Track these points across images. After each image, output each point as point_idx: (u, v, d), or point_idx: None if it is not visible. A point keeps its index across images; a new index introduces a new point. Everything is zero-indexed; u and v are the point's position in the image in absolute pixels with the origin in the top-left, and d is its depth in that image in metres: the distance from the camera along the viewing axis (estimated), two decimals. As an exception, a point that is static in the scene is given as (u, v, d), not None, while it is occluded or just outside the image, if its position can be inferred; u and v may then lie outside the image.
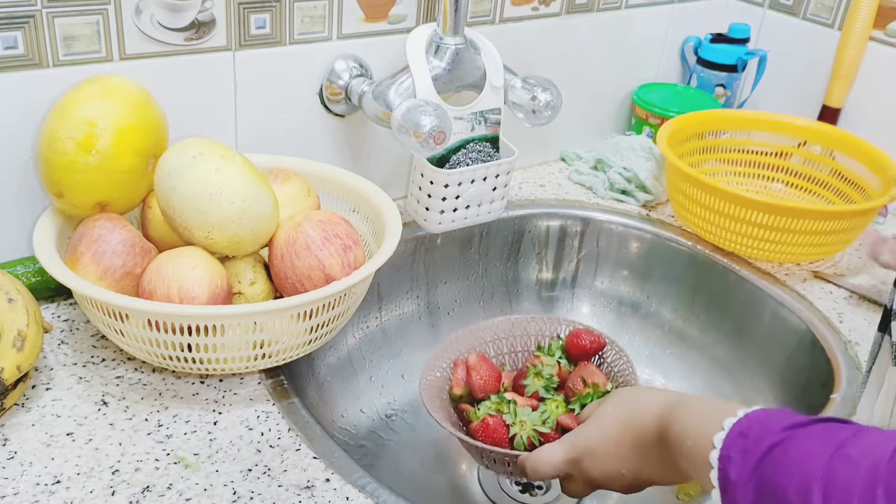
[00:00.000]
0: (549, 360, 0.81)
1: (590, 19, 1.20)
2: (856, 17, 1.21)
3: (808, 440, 0.50)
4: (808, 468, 0.48)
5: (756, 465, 0.50)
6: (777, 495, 0.49)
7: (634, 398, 0.64)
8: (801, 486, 0.48)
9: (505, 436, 0.74)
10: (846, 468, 0.47)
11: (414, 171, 1.00)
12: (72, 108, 0.77)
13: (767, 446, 0.50)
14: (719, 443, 0.53)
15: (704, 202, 1.05)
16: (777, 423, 0.52)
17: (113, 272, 0.77)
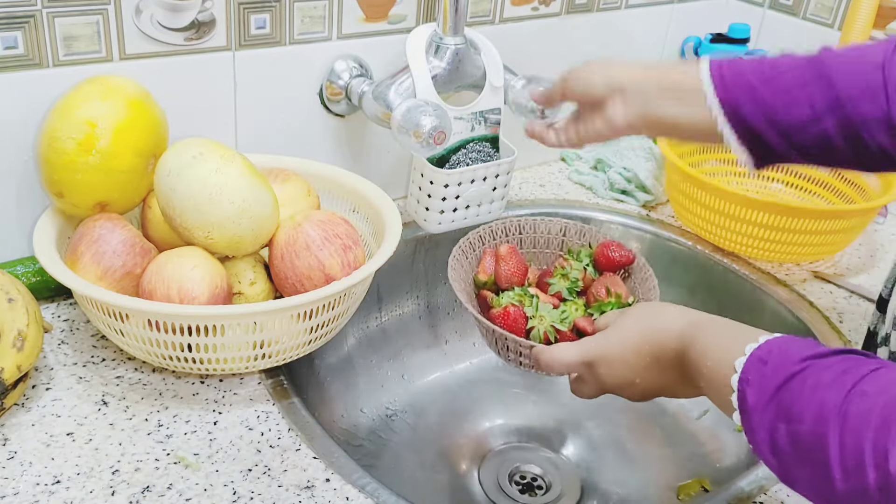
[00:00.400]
0: (576, 265, 0.82)
1: (590, 19, 1.20)
2: (856, 17, 1.21)
3: (826, 372, 0.51)
4: (826, 400, 0.49)
5: (774, 392, 0.52)
6: (794, 424, 0.50)
7: (658, 313, 0.66)
8: (817, 416, 0.49)
9: (523, 326, 0.75)
10: (862, 401, 0.48)
11: (414, 171, 1.00)
12: (72, 108, 0.77)
13: (786, 375, 0.52)
14: (740, 367, 0.54)
15: (704, 202, 1.06)
16: (797, 352, 0.53)
17: (113, 272, 0.77)
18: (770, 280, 1.05)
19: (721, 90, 0.71)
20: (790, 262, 1.08)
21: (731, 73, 0.71)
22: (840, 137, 0.69)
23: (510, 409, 1.05)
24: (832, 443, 0.48)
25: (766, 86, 0.70)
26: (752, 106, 0.70)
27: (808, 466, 0.50)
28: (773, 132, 0.70)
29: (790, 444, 0.51)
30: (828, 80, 0.68)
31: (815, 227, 1.01)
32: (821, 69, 0.68)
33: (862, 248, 1.14)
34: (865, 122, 0.67)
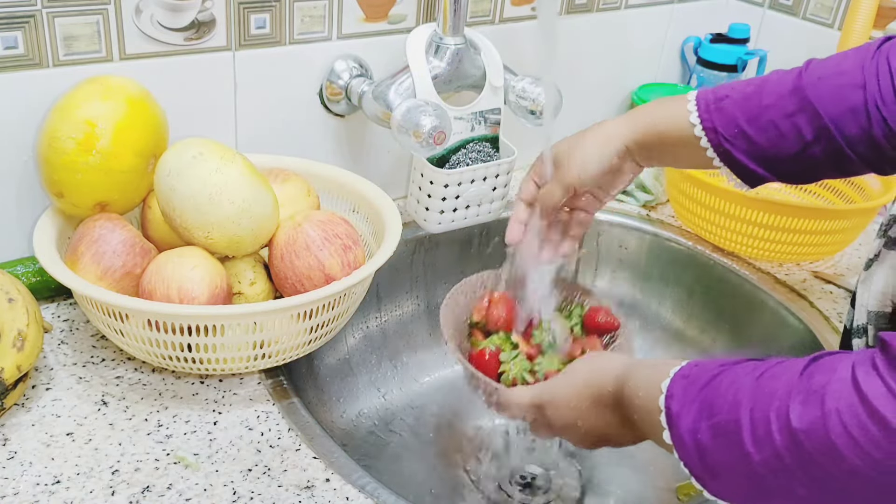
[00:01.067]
0: (564, 323, 0.84)
1: (589, 19, 1.20)
2: (856, 17, 1.21)
3: (741, 369, 0.55)
4: (739, 388, 0.53)
5: (695, 395, 0.55)
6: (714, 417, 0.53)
7: (602, 359, 0.70)
8: (732, 403, 0.53)
9: (495, 369, 0.79)
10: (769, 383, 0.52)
11: (414, 171, 1.00)
12: (72, 108, 0.77)
13: (705, 380, 0.56)
14: (665, 387, 0.58)
15: (705, 202, 1.06)
16: (714, 363, 0.57)
17: (113, 272, 0.77)
18: (770, 280, 1.05)
19: (712, 137, 0.74)
20: (790, 262, 1.08)
21: (721, 118, 0.74)
22: (827, 160, 0.72)
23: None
24: (744, 422, 0.51)
25: (753, 125, 0.73)
26: (743, 148, 0.73)
27: (726, 452, 0.53)
28: (763, 167, 0.74)
29: (712, 437, 0.54)
30: (813, 109, 0.70)
31: (815, 227, 1.01)
32: (805, 98, 0.71)
33: (862, 248, 1.14)
34: (850, 141, 0.70)
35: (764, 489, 0.51)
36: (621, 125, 0.78)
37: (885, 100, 0.69)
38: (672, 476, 0.96)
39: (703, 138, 0.74)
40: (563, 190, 0.79)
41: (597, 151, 0.78)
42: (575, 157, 0.78)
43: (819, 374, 0.50)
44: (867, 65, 0.70)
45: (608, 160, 0.77)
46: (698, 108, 0.75)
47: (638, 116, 0.78)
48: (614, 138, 0.78)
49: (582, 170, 0.78)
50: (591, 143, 0.78)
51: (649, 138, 0.77)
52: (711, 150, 0.75)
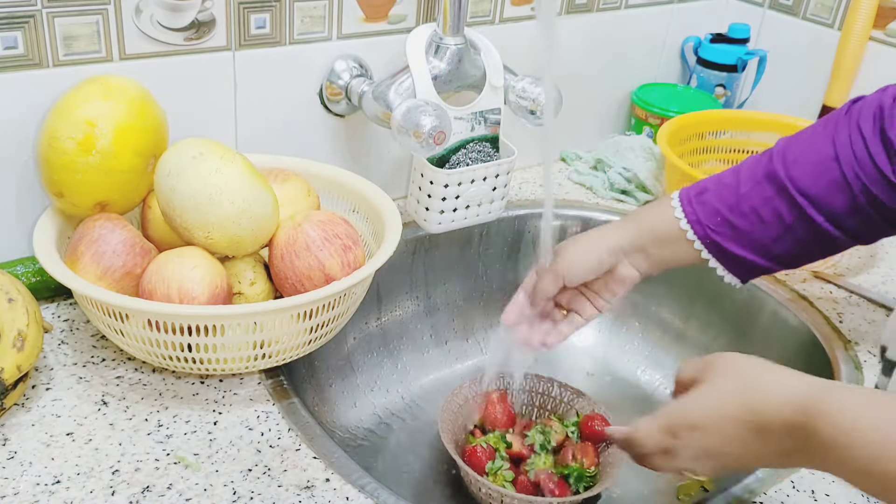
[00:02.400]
0: (558, 427, 0.87)
1: (590, 19, 1.20)
2: (856, 17, 1.21)
3: None
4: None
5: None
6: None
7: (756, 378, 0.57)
8: None
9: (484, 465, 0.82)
10: None
11: (414, 171, 1.00)
12: (72, 108, 0.77)
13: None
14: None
15: (704, 202, 1.05)
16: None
17: (113, 272, 0.77)
18: (770, 280, 1.05)
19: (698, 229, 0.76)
20: (790, 262, 1.08)
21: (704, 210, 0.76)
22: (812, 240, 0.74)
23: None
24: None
25: (735, 212, 0.75)
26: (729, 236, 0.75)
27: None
28: (753, 252, 0.75)
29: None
30: (788, 193, 0.72)
31: (815, 227, 1.01)
32: (779, 182, 0.73)
33: (862, 247, 1.14)
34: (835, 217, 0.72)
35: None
36: (615, 227, 0.80)
37: (862, 167, 0.70)
38: (672, 476, 0.96)
39: (690, 231, 0.77)
40: (553, 278, 0.79)
41: (589, 248, 0.79)
42: (570, 249, 0.79)
43: None
44: (838, 135, 0.72)
45: (596, 256, 0.78)
46: (681, 203, 0.77)
47: (630, 219, 0.81)
48: (607, 237, 0.79)
49: (573, 262, 0.79)
50: (586, 238, 0.80)
51: (641, 238, 0.79)
52: (699, 241, 0.77)
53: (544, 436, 0.86)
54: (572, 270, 0.79)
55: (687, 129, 1.17)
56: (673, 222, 0.77)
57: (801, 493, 0.74)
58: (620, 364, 1.12)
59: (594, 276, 0.80)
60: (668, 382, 1.08)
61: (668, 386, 1.08)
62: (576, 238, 0.81)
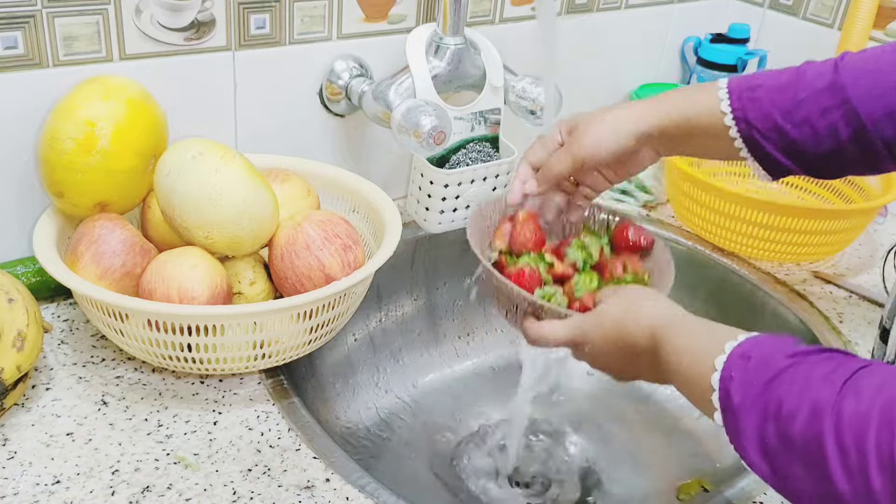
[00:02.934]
0: (594, 240, 0.80)
1: (590, 19, 1.20)
2: (856, 17, 1.21)
3: (816, 369, 0.50)
4: (818, 398, 0.49)
5: (762, 389, 0.51)
6: (785, 421, 0.49)
7: (634, 306, 0.66)
8: (811, 414, 0.48)
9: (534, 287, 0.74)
10: (858, 400, 0.47)
11: (414, 171, 1.00)
12: (72, 108, 0.77)
13: (773, 372, 0.51)
14: (720, 365, 0.54)
15: (704, 202, 1.06)
16: (782, 349, 0.53)
17: (113, 272, 0.77)
18: (770, 280, 1.05)
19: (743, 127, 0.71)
20: (790, 262, 1.08)
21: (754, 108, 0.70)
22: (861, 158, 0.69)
23: (509, 408, 1.04)
24: (829, 442, 0.47)
25: (789, 120, 0.69)
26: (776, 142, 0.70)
27: (802, 466, 0.49)
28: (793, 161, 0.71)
29: (782, 443, 0.50)
30: (851, 108, 0.67)
31: (815, 227, 1.01)
32: (843, 96, 0.67)
33: (862, 248, 1.14)
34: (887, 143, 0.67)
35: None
36: (646, 109, 0.74)
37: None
38: (672, 476, 0.96)
39: (733, 128, 0.71)
40: (571, 161, 0.74)
41: (615, 130, 0.74)
42: (591, 130, 0.74)
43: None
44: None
45: (625, 141, 0.73)
46: (730, 96, 0.71)
47: (664, 102, 0.74)
48: (637, 120, 0.74)
49: (595, 145, 0.73)
50: (612, 120, 0.74)
51: (674, 126, 0.73)
52: (740, 140, 0.71)
53: (585, 251, 0.78)
54: (594, 154, 0.74)
55: (687, 129, 1.17)
56: (716, 115, 0.71)
57: (801, 493, 0.73)
58: (620, 364, 1.11)
59: (615, 160, 0.75)
60: (668, 382, 1.08)
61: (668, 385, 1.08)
62: (598, 116, 0.75)
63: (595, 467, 0.98)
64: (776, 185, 1.21)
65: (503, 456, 0.98)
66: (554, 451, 0.99)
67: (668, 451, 1.00)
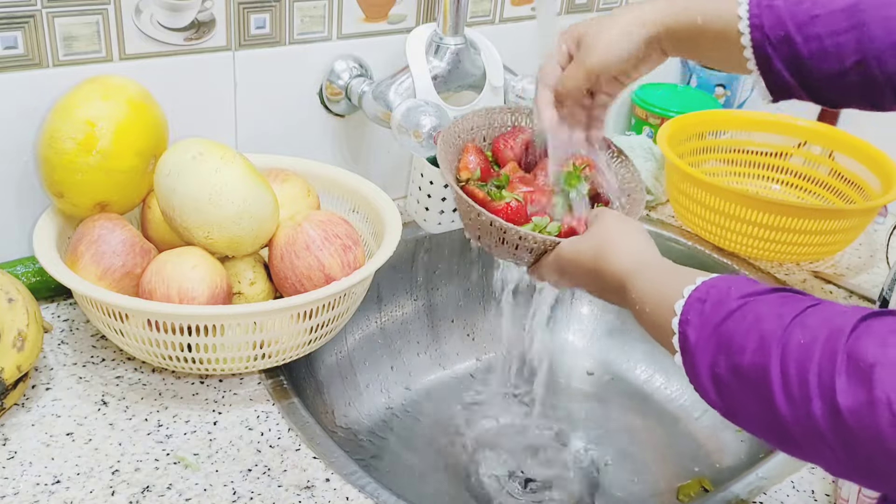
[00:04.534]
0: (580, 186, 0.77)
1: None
2: (856, 17, 1.21)
3: (765, 306, 0.53)
4: (766, 331, 0.51)
5: (714, 328, 0.53)
6: (734, 356, 0.52)
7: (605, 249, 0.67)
8: (758, 347, 0.51)
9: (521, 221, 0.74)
10: (804, 334, 0.49)
11: (414, 171, 1.00)
12: (72, 108, 0.77)
13: (726, 311, 0.53)
14: (679, 309, 0.56)
15: (705, 202, 1.06)
16: (735, 290, 0.55)
17: (113, 272, 0.77)
18: (770, 280, 1.05)
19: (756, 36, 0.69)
20: (790, 262, 1.08)
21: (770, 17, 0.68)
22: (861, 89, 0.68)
23: (510, 408, 1.05)
24: (774, 371, 0.49)
25: (800, 33, 0.68)
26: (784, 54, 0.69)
27: (751, 397, 0.51)
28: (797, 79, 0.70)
29: (732, 375, 0.52)
30: (861, 32, 0.66)
31: (815, 227, 1.01)
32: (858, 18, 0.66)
33: (862, 248, 1.14)
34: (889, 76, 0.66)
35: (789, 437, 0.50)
36: (657, 9, 0.72)
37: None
38: (672, 476, 0.96)
39: (746, 35, 0.68)
40: (585, 75, 0.73)
41: (625, 37, 0.72)
42: (601, 40, 0.72)
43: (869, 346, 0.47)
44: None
45: (636, 47, 0.72)
46: (749, 1, 0.69)
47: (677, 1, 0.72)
48: (647, 24, 0.72)
49: (607, 55, 0.72)
50: (622, 26, 0.72)
51: (685, 28, 0.71)
52: (750, 50, 0.69)
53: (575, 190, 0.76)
54: (606, 65, 0.72)
55: (687, 130, 1.17)
56: (731, 21, 0.69)
57: (800, 493, 0.74)
58: (620, 364, 1.12)
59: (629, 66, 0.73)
60: (668, 382, 1.08)
61: (668, 385, 1.08)
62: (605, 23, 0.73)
63: (595, 467, 0.98)
64: (776, 185, 1.22)
65: (504, 456, 0.98)
66: (554, 451, 0.99)
67: (668, 451, 1.00)
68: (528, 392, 1.05)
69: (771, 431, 0.51)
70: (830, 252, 1.08)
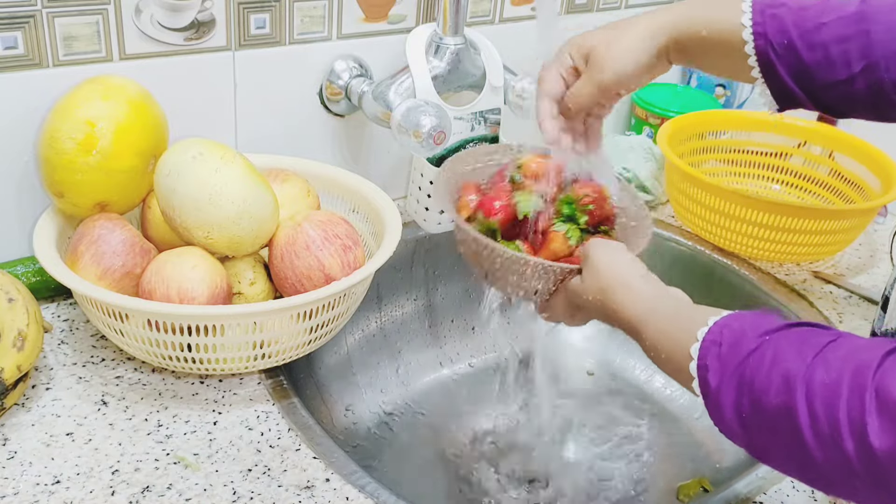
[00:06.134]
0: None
1: (590, 19, 1.20)
2: (856, 17, 1.21)
3: (785, 343, 0.52)
4: (789, 371, 0.50)
5: (734, 370, 0.53)
6: (757, 395, 0.51)
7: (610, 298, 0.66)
8: (781, 387, 0.50)
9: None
10: (828, 371, 0.49)
11: (414, 171, 1.00)
12: (72, 108, 0.77)
13: (745, 352, 0.53)
14: (695, 353, 0.56)
15: (705, 202, 1.06)
16: (750, 329, 0.54)
17: (113, 272, 0.77)
18: (770, 280, 1.05)
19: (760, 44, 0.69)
20: (790, 262, 1.08)
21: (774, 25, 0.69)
22: (867, 97, 0.68)
23: (510, 408, 1.04)
24: (801, 412, 0.49)
25: (804, 40, 0.68)
26: (788, 63, 0.69)
27: (778, 436, 0.51)
28: (802, 88, 0.69)
29: (758, 417, 0.52)
30: (868, 39, 0.66)
31: (815, 227, 1.01)
32: (864, 26, 0.66)
33: (862, 248, 1.14)
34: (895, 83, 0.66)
35: (822, 476, 0.50)
36: (662, 20, 0.72)
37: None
38: (672, 476, 0.96)
39: (750, 44, 0.69)
40: (597, 90, 0.72)
41: (636, 50, 0.71)
42: (612, 54, 0.71)
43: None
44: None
45: (645, 59, 0.71)
46: (753, 9, 0.69)
47: (682, 10, 0.72)
48: (654, 35, 0.71)
49: (622, 70, 0.71)
50: (631, 39, 0.72)
51: (689, 38, 0.71)
52: (755, 58, 0.69)
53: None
54: (620, 79, 0.72)
55: (687, 130, 1.17)
56: (735, 28, 0.69)
57: (801, 493, 0.74)
58: (620, 364, 1.12)
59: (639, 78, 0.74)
60: (668, 382, 1.08)
61: (668, 385, 1.08)
62: (613, 36, 0.72)
63: (595, 467, 0.98)
64: (776, 185, 1.22)
65: (504, 455, 0.98)
66: (554, 451, 0.99)
67: (668, 451, 1.00)
68: (528, 392, 1.05)
69: (804, 471, 0.51)
70: (830, 252, 1.08)
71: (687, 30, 0.71)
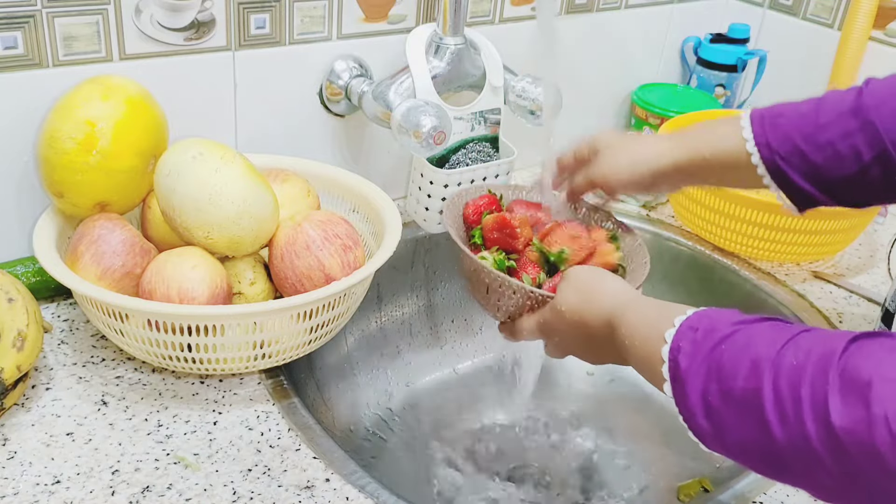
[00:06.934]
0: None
1: (590, 19, 1.20)
2: (856, 17, 1.21)
3: (757, 332, 0.53)
4: (758, 356, 0.51)
5: (707, 354, 0.53)
6: (726, 382, 0.52)
7: (588, 295, 0.67)
8: (750, 371, 0.51)
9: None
10: (796, 355, 0.49)
11: (414, 171, 1.00)
12: (72, 107, 0.77)
13: (718, 338, 0.54)
14: (670, 338, 0.56)
15: (704, 202, 1.06)
16: (727, 318, 0.55)
17: (113, 272, 0.77)
18: (770, 280, 1.05)
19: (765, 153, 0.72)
20: (790, 262, 1.08)
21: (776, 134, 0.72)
22: (884, 182, 0.70)
23: (509, 408, 1.05)
24: (766, 393, 0.49)
25: (810, 143, 0.70)
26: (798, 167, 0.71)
27: (743, 422, 0.51)
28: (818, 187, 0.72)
29: (723, 402, 0.52)
30: (873, 129, 0.68)
31: (815, 227, 1.01)
32: (865, 118, 0.69)
33: (862, 248, 1.14)
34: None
35: (782, 462, 0.50)
36: (667, 146, 0.77)
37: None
38: (672, 476, 0.96)
39: (755, 155, 0.72)
40: (588, 184, 0.79)
41: (632, 164, 0.77)
42: (610, 159, 0.77)
43: (862, 364, 0.46)
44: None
45: (639, 177, 0.77)
46: (752, 123, 0.73)
47: (686, 139, 0.77)
48: (656, 158, 0.76)
49: (612, 174, 0.77)
50: (631, 154, 0.77)
51: (692, 164, 0.75)
52: (763, 167, 0.73)
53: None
54: (609, 183, 0.78)
55: (687, 129, 1.17)
56: (738, 143, 0.73)
57: (800, 493, 0.74)
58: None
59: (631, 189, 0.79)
60: (668, 382, 1.08)
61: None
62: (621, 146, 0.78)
63: (595, 467, 0.98)
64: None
65: (503, 455, 0.98)
66: (554, 451, 0.99)
67: (668, 451, 1.00)
68: (528, 392, 1.05)
69: (763, 457, 0.51)
70: (830, 252, 1.08)
71: (689, 158, 0.76)
